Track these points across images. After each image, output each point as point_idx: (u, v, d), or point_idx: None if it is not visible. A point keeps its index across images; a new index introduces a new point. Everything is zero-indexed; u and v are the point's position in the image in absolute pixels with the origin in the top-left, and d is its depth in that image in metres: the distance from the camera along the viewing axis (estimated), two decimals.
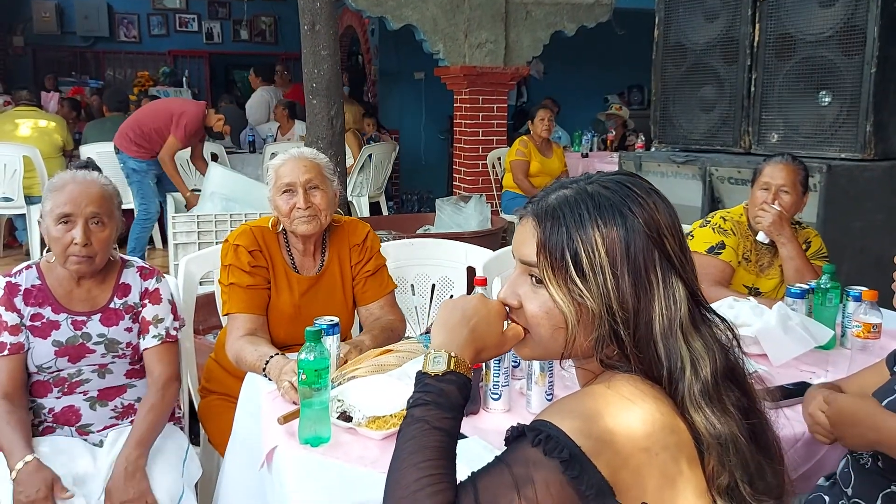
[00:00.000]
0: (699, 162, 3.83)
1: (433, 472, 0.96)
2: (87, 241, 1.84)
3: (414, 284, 2.76)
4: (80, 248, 1.84)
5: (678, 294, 1.00)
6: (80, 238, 1.83)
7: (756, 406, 1.06)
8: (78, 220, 1.84)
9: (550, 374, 1.74)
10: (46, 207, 1.88)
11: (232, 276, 2.06)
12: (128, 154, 5.35)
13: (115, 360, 1.98)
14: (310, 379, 1.48)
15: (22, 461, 1.73)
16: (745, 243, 2.60)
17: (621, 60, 8.28)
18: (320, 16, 3.76)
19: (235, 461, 1.84)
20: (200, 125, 5.42)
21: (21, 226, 6.40)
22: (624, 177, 1.06)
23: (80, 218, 1.85)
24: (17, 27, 10.85)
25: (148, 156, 5.37)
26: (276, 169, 2.12)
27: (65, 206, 1.85)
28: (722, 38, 3.80)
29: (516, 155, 5.80)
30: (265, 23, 11.90)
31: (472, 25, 6.19)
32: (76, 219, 1.84)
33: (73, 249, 1.84)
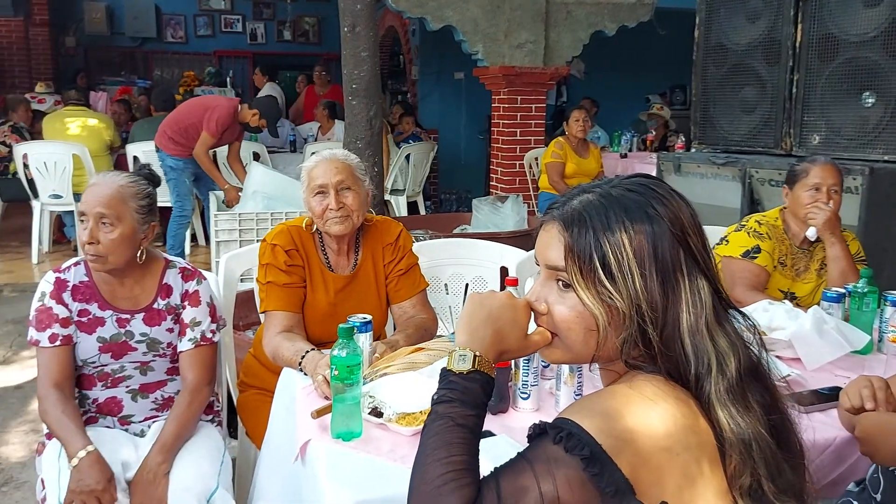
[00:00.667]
0: (739, 164, 3.79)
1: (457, 468, 0.98)
2: (92, 240, 1.88)
3: (448, 284, 2.79)
4: (88, 247, 1.89)
5: (703, 291, 1.02)
6: (85, 237, 1.89)
7: (778, 403, 1.07)
8: (89, 219, 1.90)
9: (580, 374, 1.76)
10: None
11: (269, 274, 2.11)
12: (166, 152, 5.47)
13: (156, 359, 2.04)
14: (342, 375, 1.52)
15: (84, 450, 1.79)
16: (781, 247, 2.58)
17: (663, 60, 8.20)
18: (361, 18, 3.82)
19: (271, 454, 1.89)
20: (233, 120, 5.45)
21: (70, 222, 6.59)
22: (642, 178, 1.09)
23: (90, 218, 1.90)
24: (70, 28, 11.18)
25: (185, 154, 5.47)
26: (308, 171, 2.17)
27: (82, 206, 1.92)
28: (764, 38, 3.76)
29: (551, 157, 5.78)
30: (308, 23, 12.06)
31: (513, 26, 6.20)
32: (87, 218, 1.90)
33: (86, 248, 1.90)
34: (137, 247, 1.96)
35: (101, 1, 11.16)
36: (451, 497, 0.96)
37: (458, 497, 0.96)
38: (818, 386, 1.85)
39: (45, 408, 1.91)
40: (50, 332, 1.93)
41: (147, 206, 1.98)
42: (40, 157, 6.05)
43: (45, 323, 1.93)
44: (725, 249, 2.57)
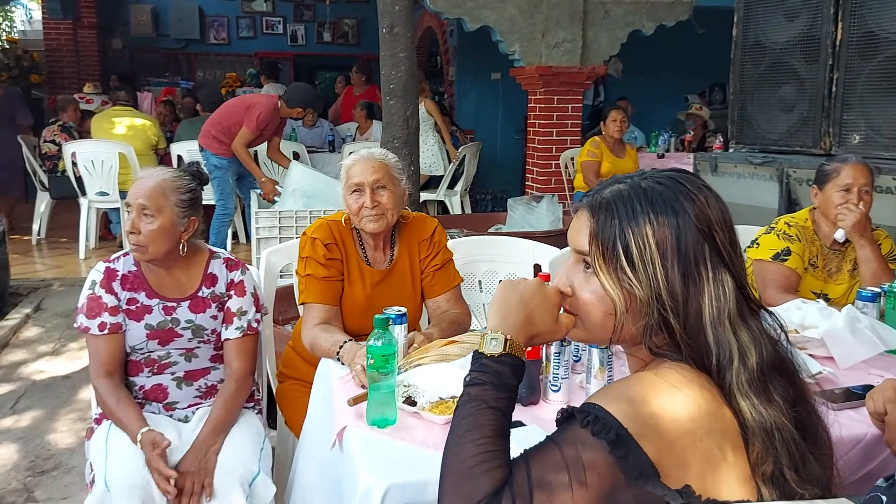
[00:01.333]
0: (777, 163, 3.76)
1: (488, 450, 1.02)
2: (133, 230, 1.99)
3: (482, 280, 2.83)
4: (130, 237, 2.00)
5: (727, 287, 1.05)
6: (127, 227, 2.00)
7: (805, 398, 1.09)
8: (132, 210, 2.00)
9: (610, 368, 1.79)
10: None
11: (309, 267, 2.18)
12: (210, 151, 5.59)
13: (201, 346, 2.12)
14: (377, 364, 1.58)
15: (142, 431, 1.89)
16: (812, 249, 2.56)
17: (702, 59, 8.12)
18: (399, 19, 3.87)
19: (310, 441, 1.95)
20: (273, 116, 5.55)
21: (115, 219, 6.78)
22: (676, 173, 1.11)
23: (133, 208, 2.00)
24: (117, 30, 11.47)
25: (229, 153, 5.59)
26: (346, 169, 2.23)
27: (127, 197, 2.03)
28: (803, 36, 3.73)
29: (587, 156, 5.78)
30: (348, 25, 12.19)
31: (550, 25, 6.20)
32: (131, 209, 2.01)
33: (129, 238, 2.01)
34: (177, 239, 2.04)
35: (146, 3, 11.43)
36: (482, 478, 1.00)
37: (490, 478, 1.00)
38: (851, 384, 1.85)
39: (101, 398, 2.01)
40: (99, 321, 2.01)
41: (188, 200, 2.05)
42: (88, 156, 6.24)
43: (95, 311, 2.02)
44: (756, 252, 2.56)
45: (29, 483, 2.87)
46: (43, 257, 6.56)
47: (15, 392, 3.75)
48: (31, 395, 3.72)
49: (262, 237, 4.59)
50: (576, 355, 1.91)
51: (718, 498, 0.99)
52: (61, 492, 2.81)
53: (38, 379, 3.93)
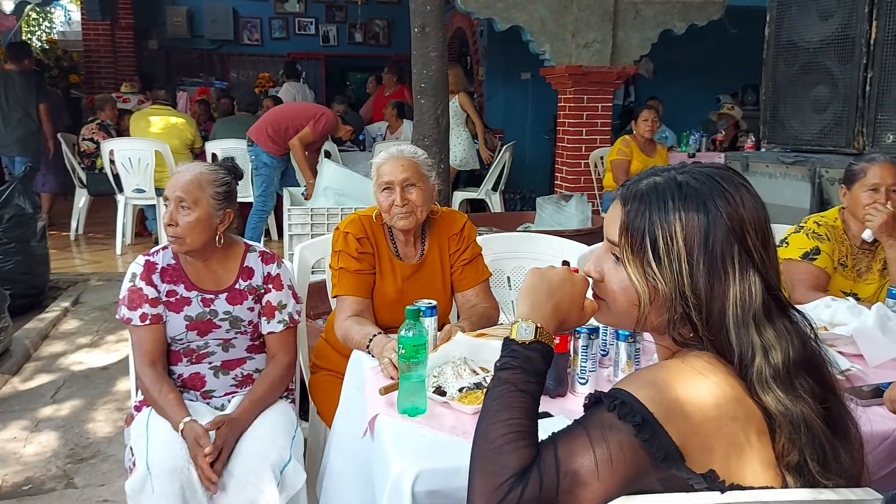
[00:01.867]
0: (809, 163, 3.74)
1: (517, 430, 1.06)
2: (171, 222, 2.06)
3: (510, 277, 2.86)
4: (168, 229, 2.07)
5: (754, 288, 1.05)
6: (166, 219, 2.07)
7: (834, 393, 1.10)
8: (170, 202, 2.08)
9: (637, 362, 1.81)
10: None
11: (341, 260, 2.23)
12: (262, 148, 5.70)
13: (238, 336, 2.18)
14: (408, 354, 1.62)
15: (184, 420, 1.96)
16: (841, 248, 2.54)
17: (735, 59, 8.06)
18: (430, 18, 3.92)
19: (342, 430, 1.99)
20: (333, 131, 5.85)
21: (151, 216, 6.91)
22: (715, 170, 1.12)
23: (171, 201, 2.07)
24: (153, 31, 11.68)
25: (280, 152, 5.72)
26: (377, 167, 2.28)
27: (165, 191, 2.10)
28: (837, 36, 3.70)
29: (617, 154, 5.77)
30: (378, 26, 12.28)
31: (580, 25, 6.21)
32: (169, 202, 2.08)
33: (167, 230, 2.08)
34: (214, 231, 2.10)
35: (182, 5, 11.62)
36: (511, 456, 1.03)
37: (518, 457, 1.03)
38: (880, 381, 1.85)
39: (144, 387, 2.08)
40: (140, 312, 2.08)
41: (224, 193, 2.12)
42: (125, 154, 6.37)
43: (136, 303, 2.09)
44: (785, 252, 2.55)
45: (69, 469, 2.96)
46: (81, 252, 6.71)
47: (55, 382, 3.85)
48: (70, 385, 3.82)
49: (295, 234, 4.67)
50: (603, 349, 1.93)
51: (742, 483, 1.01)
52: (99, 479, 2.89)
53: (77, 370, 4.03)
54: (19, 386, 3.79)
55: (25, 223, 4.74)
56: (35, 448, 3.13)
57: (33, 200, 4.86)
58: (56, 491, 2.81)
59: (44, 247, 4.96)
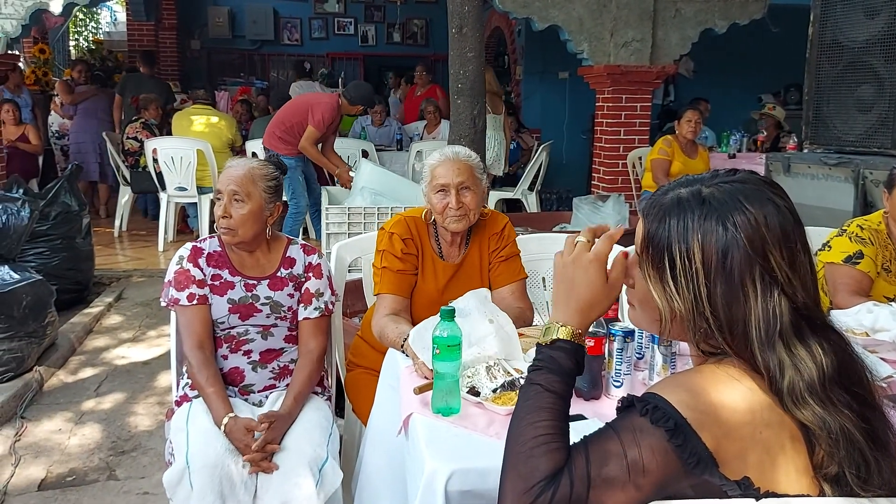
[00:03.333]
0: (852, 164, 3.67)
1: (548, 432, 1.06)
2: (225, 214, 2.13)
3: (545, 278, 2.86)
4: (221, 221, 2.13)
5: (778, 309, 1.02)
6: (219, 212, 2.14)
7: (875, 408, 1.07)
8: (223, 196, 2.15)
9: (672, 366, 1.80)
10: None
11: (385, 260, 2.27)
12: (277, 152, 5.69)
13: (278, 323, 2.23)
14: (443, 354, 1.63)
15: (228, 416, 2.00)
16: (885, 252, 2.49)
17: (777, 59, 7.93)
18: (468, 19, 3.93)
19: (377, 428, 2.01)
20: (336, 114, 5.68)
21: (193, 213, 7.03)
22: (741, 184, 1.08)
23: (225, 194, 2.14)
24: (195, 31, 11.88)
25: (295, 152, 5.73)
26: (432, 168, 2.30)
27: (218, 184, 2.17)
28: (883, 35, 3.63)
29: (658, 154, 5.72)
30: (417, 25, 12.33)
31: (619, 24, 6.16)
32: (222, 195, 2.15)
33: (220, 222, 2.14)
34: (264, 223, 2.19)
35: (223, 6, 11.79)
36: (542, 458, 1.04)
37: (549, 459, 1.03)
38: None
39: (192, 371, 2.13)
40: (188, 292, 2.16)
41: (273, 187, 2.22)
42: (167, 152, 6.49)
43: (184, 284, 2.16)
44: (828, 256, 2.51)
45: (111, 462, 3.04)
46: (124, 249, 6.85)
47: (98, 376, 3.95)
48: (112, 379, 3.91)
49: (332, 232, 4.72)
50: (639, 352, 1.92)
51: (777, 490, 1.00)
52: (140, 471, 2.96)
53: (120, 364, 4.13)
54: (65, 379, 3.90)
55: (71, 220, 4.87)
56: (79, 440, 3.22)
57: (79, 198, 4.99)
58: (98, 482, 2.88)
59: (88, 243, 5.09)
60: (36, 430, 3.29)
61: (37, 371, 3.75)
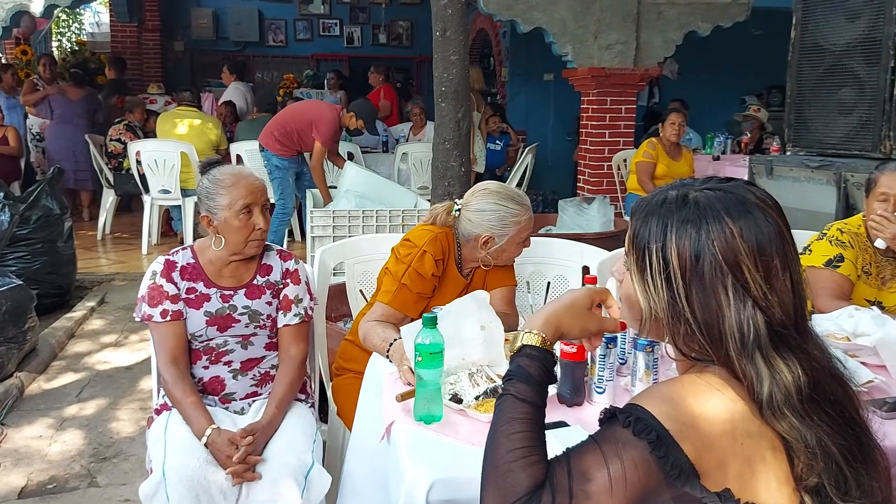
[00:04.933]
0: (834, 167, 3.69)
1: (525, 444, 1.06)
2: (263, 227, 2.13)
3: (529, 282, 2.86)
4: (261, 233, 2.13)
5: (753, 321, 1.02)
6: (262, 224, 2.12)
7: (857, 421, 1.06)
8: (254, 207, 2.12)
9: (655, 371, 1.80)
10: (223, 202, 2.10)
11: (408, 278, 2.19)
12: (272, 152, 5.73)
13: (257, 332, 2.21)
14: (425, 361, 1.62)
15: (210, 428, 1.97)
16: (865, 256, 2.51)
17: (760, 61, 7.98)
18: (451, 22, 3.92)
19: (361, 433, 2.00)
20: (338, 126, 5.76)
21: (177, 216, 6.98)
22: (724, 193, 1.08)
23: (256, 205, 2.12)
24: (178, 33, 11.80)
25: (290, 154, 5.73)
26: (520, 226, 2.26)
27: (247, 198, 2.11)
28: (863, 38, 3.64)
29: (643, 156, 5.74)
30: (402, 27, 12.31)
31: (602, 27, 6.18)
32: (254, 206, 2.12)
33: (256, 235, 2.12)
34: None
35: (207, 7, 11.73)
36: (521, 473, 1.03)
37: (529, 474, 1.03)
38: None
39: (167, 387, 2.10)
40: (161, 308, 2.12)
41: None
42: (151, 155, 6.45)
43: (157, 300, 2.12)
44: (808, 259, 2.52)
45: (92, 469, 3.00)
46: (107, 252, 6.79)
47: (80, 381, 3.91)
48: (94, 384, 3.87)
49: (317, 235, 4.69)
50: (621, 358, 1.92)
51: (757, 501, 1.00)
52: (121, 478, 2.93)
53: (102, 369, 4.09)
54: (45, 385, 3.86)
55: (53, 224, 4.82)
56: (60, 447, 3.18)
57: (61, 201, 4.94)
58: (79, 490, 2.85)
59: (70, 247, 5.04)
60: (16, 437, 3.25)
61: (17, 377, 3.71)
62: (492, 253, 2.25)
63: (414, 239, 2.27)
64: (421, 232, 2.30)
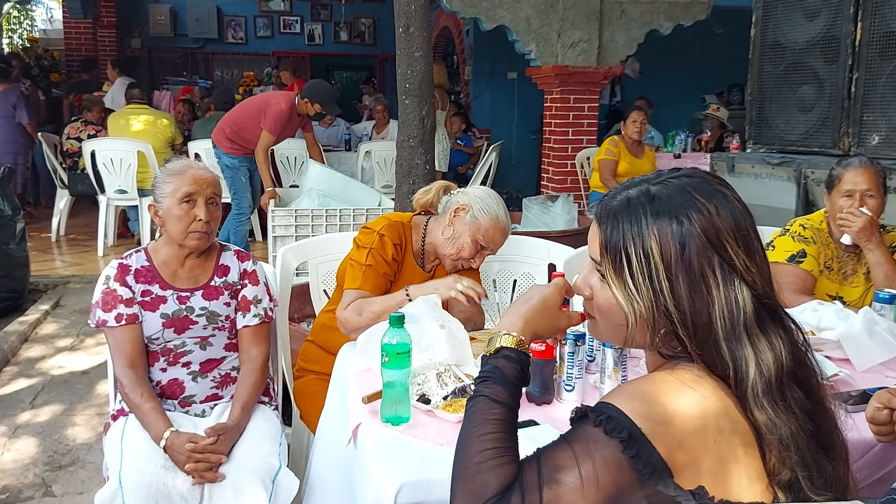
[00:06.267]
0: (794, 164, 3.74)
1: (496, 445, 1.03)
2: (205, 218, 2.05)
3: (496, 280, 2.84)
4: (202, 225, 2.05)
5: (740, 297, 1.02)
6: (203, 215, 2.05)
7: (823, 406, 1.08)
8: (197, 198, 2.06)
9: (624, 368, 1.79)
10: (167, 189, 2.07)
11: (371, 258, 2.21)
12: (222, 150, 5.50)
13: (216, 333, 2.15)
14: (392, 361, 1.58)
15: (169, 430, 1.91)
16: (827, 251, 2.54)
17: (721, 59, 8.09)
18: (414, 19, 3.88)
19: (326, 437, 1.96)
20: (291, 114, 5.39)
21: (133, 216, 6.83)
22: (688, 179, 1.09)
23: (201, 197, 2.06)
24: (135, 30, 11.57)
25: (241, 152, 5.48)
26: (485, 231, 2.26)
27: (190, 187, 2.06)
28: (822, 36, 3.70)
29: (605, 154, 5.77)
30: (364, 24, 12.23)
31: (566, 25, 6.19)
32: (197, 198, 2.05)
33: (196, 226, 2.05)
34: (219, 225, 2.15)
35: (164, 3, 11.52)
36: (491, 474, 1.00)
37: (498, 475, 1.00)
38: (867, 386, 1.83)
39: (125, 391, 2.03)
40: (116, 313, 2.05)
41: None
42: (107, 154, 6.29)
43: (111, 304, 2.06)
44: (772, 255, 2.54)
45: (47, 477, 2.91)
46: (62, 254, 6.62)
47: (34, 387, 3.79)
48: (49, 390, 3.76)
49: (279, 235, 4.62)
50: (590, 355, 1.90)
51: (731, 498, 0.98)
52: (78, 486, 2.84)
53: (57, 374, 3.97)
54: None
55: (4, 225, 4.67)
56: (13, 455, 3.07)
57: (12, 202, 4.79)
58: (34, 500, 2.76)
59: (23, 249, 4.89)
60: None
61: None
62: (455, 233, 2.25)
63: (371, 225, 2.31)
64: (378, 219, 2.33)
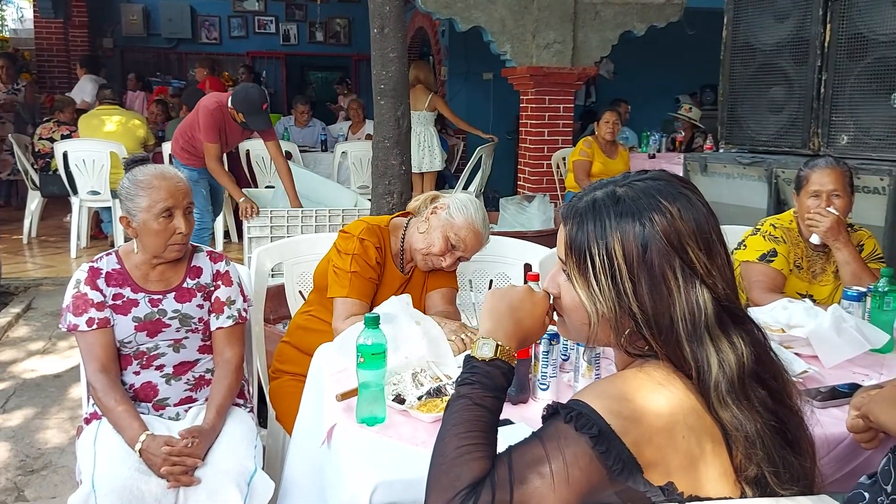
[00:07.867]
0: (765, 164, 3.79)
1: (473, 442, 1.04)
2: (184, 231, 2.04)
3: (472, 280, 2.85)
4: (182, 237, 2.04)
5: (701, 299, 1.04)
6: (184, 228, 2.04)
7: (787, 403, 1.10)
8: (176, 210, 2.04)
9: (597, 367, 1.80)
10: (142, 203, 2.02)
11: (355, 264, 2.21)
12: (181, 161, 5.02)
13: (189, 335, 2.14)
14: (367, 362, 1.58)
15: (145, 434, 1.89)
16: (797, 250, 2.59)
17: (693, 60, 8.17)
18: (389, 19, 3.88)
19: (301, 437, 1.95)
20: (222, 117, 4.74)
21: (107, 218, 6.75)
22: (653, 181, 1.10)
23: (179, 209, 2.04)
24: (108, 30, 11.44)
25: (199, 163, 4.97)
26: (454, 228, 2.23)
27: (167, 201, 2.03)
28: (792, 38, 3.76)
29: (579, 155, 5.81)
30: (339, 25, 12.19)
31: (540, 26, 6.23)
32: (175, 210, 2.04)
33: (177, 238, 2.04)
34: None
35: (137, 3, 11.40)
36: (464, 468, 1.02)
37: (471, 469, 1.01)
38: (836, 383, 1.87)
39: (97, 395, 2.01)
40: (87, 317, 2.03)
41: None
42: (79, 155, 6.21)
43: (82, 308, 2.04)
44: (743, 254, 2.58)
45: (19, 482, 2.87)
46: (34, 256, 6.53)
47: (5, 391, 3.74)
48: (21, 394, 3.71)
49: (254, 237, 4.59)
50: (564, 354, 1.92)
51: (700, 494, 1.00)
52: (51, 490, 2.81)
53: (29, 378, 3.92)
54: None
55: None
56: None
57: None
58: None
59: None
60: None
61: None
62: (429, 228, 2.25)
63: (350, 230, 2.30)
64: (356, 223, 2.32)
